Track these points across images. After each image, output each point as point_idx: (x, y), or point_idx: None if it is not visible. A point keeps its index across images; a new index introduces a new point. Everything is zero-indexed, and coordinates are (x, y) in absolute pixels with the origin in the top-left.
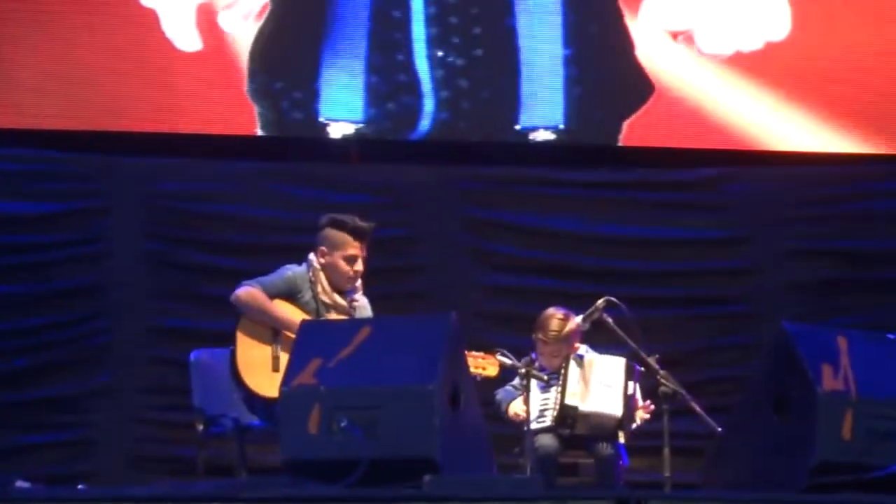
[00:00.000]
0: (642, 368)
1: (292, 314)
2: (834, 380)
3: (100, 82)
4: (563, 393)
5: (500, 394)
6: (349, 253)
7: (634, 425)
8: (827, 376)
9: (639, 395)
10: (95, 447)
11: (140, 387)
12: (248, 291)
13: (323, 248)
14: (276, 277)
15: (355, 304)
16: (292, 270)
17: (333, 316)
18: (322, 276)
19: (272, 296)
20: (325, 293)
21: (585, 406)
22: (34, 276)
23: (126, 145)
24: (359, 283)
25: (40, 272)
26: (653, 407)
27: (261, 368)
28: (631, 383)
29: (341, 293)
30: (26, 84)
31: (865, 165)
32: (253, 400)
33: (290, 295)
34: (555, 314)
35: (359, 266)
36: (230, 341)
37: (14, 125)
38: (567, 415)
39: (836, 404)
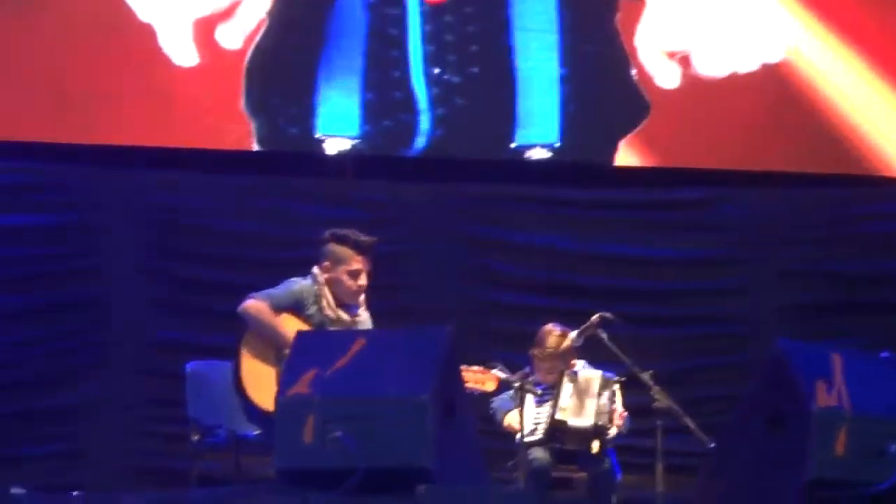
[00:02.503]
0: (622, 378)
1: (294, 332)
2: (828, 396)
3: (98, 96)
4: (554, 408)
5: (495, 402)
6: (353, 268)
7: (612, 433)
8: (821, 393)
9: (618, 405)
10: (90, 459)
11: (135, 399)
12: (256, 305)
13: (327, 263)
14: (282, 291)
15: (358, 319)
16: (299, 284)
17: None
18: (327, 290)
19: (279, 309)
20: (330, 307)
21: (575, 421)
22: (30, 289)
23: (123, 159)
24: (362, 298)
25: (35, 285)
26: (626, 414)
27: (264, 382)
28: (606, 394)
29: (345, 308)
30: (25, 97)
31: (860, 188)
32: (253, 412)
33: (296, 308)
34: (552, 331)
35: (362, 280)
36: (226, 354)
37: (12, 137)
38: (556, 429)
39: (830, 421)
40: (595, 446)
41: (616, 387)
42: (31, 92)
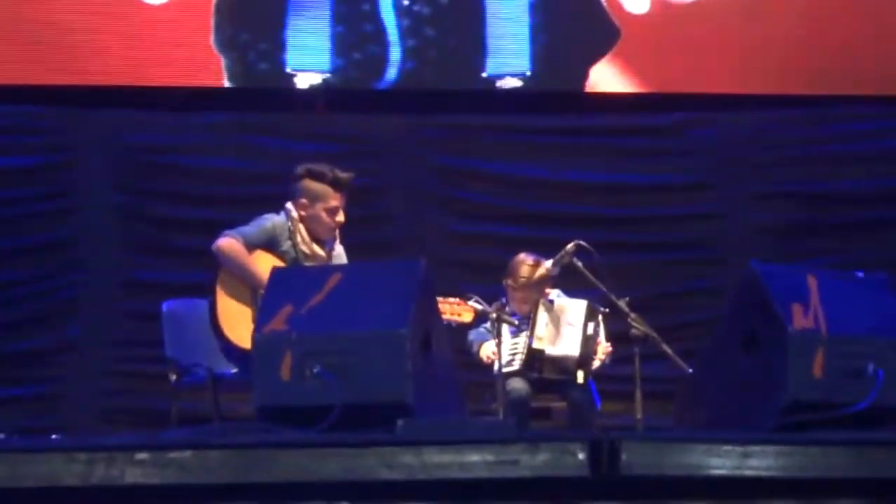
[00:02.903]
0: (606, 310)
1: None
2: (804, 318)
3: (66, 35)
4: (531, 337)
5: (471, 334)
6: (331, 205)
7: (595, 365)
8: (797, 315)
9: (602, 337)
10: (67, 401)
11: (111, 340)
12: (229, 242)
13: (303, 199)
14: (255, 228)
15: (333, 253)
16: (272, 221)
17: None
18: (301, 226)
19: (252, 246)
20: (305, 243)
21: (552, 350)
22: (2, 232)
23: (93, 98)
24: (336, 232)
25: (9, 227)
26: (610, 349)
27: (241, 321)
28: (591, 324)
29: (320, 243)
30: None
31: (831, 108)
32: (231, 351)
33: (270, 245)
34: (525, 260)
35: (340, 217)
36: (202, 292)
37: None
38: (534, 358)
39: (806, 342)
40: (580, 376)
41: (600, 317)
42: (0, 34)
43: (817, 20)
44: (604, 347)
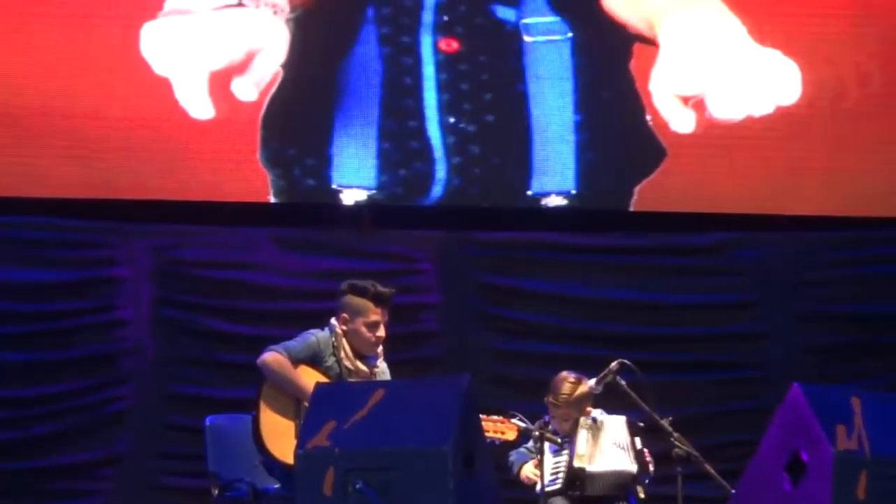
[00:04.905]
0: (642, 424)
1: (313, 385)
2: (848, 440)
3: (115, 151)
4: (571, 455)
5: (513, 455)
6: (371, 319)
7: (649, 478)
8: (841, 436)
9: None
10: None
11: (156, 453)
12: (275, 357)
13: (345, 314)
14: (300, 343)
15: (376, 370)
16: (316, 336)
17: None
18: (345, 341)
19: (297, 361)
20: (348, 359)
21: (593, 467)
22: (50, 344)
23: (141, 213)
24: (380, 349)
25: (56, 340)
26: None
27: (284, 435)
28: (638, 439)
29: (363, 359)
30: (43, 154)
31: (875, 229)
32: (273, 466)
33: (314, 360)
34: (566, 378)
35: (381, 332)
36: (245, 407)
37: (31, 194)
38: (576, 477)
39: (850, 464)
40: (640, 491)
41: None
42: (49, 149)
43: (859, 142)
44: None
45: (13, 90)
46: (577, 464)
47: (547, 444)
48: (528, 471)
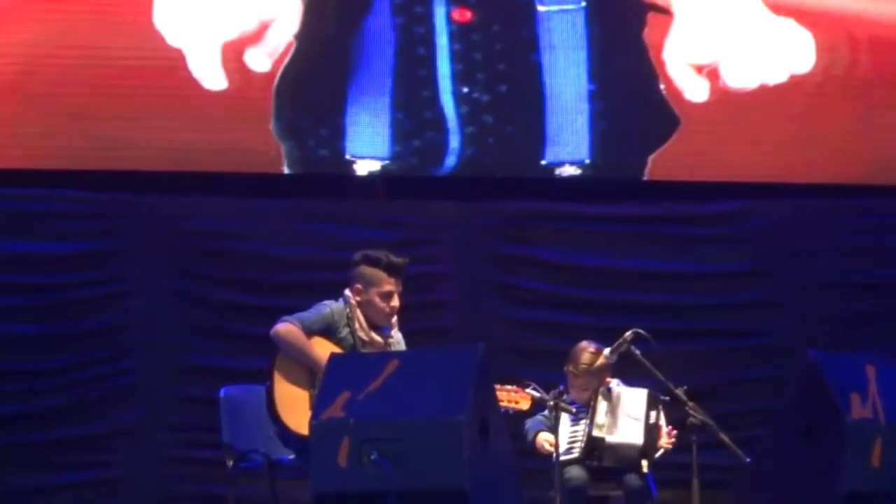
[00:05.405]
0: (666, 398)
1: (327, 355)
2: (862, 408)
3: (126, 121)
4: (590, 425)
5: (528, 423)
6: (385, 289)
7: (659, 454)
8: (855, 404)
9: (663, 424)
10: (124, 486)
11: (168, 425)
12: (288, 328)
13: (358, 285)
14: (314, 314)
15: (391, 340)
16: (330, 307)
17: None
18: (359, 312)
19: (311, 332)
20: (363, 329)
21: (612, 438)
22: (60, 316)
23: (152, 184)
24: (394, 319)
25: (66, 312)
26: (676, 432)
27: (298, 406)
28: (654, 413)
29: (378, 330)
30: (53, 125)
31: (890, 197)
32: (288, 437)
33: (328, 331)
34: (587, 347)
35: (395, 302)
36: (259, 378)
37: (42, 165)
38: (594, 446)
39: (865, 432)
40: (644, 465)
41: (660, 406)
42: (59, 119)
43: (872, 110)
44: (667, 432)
45: (23, 61)
46: (596, 433)
47: (564, 414)
48: (544, 438)
